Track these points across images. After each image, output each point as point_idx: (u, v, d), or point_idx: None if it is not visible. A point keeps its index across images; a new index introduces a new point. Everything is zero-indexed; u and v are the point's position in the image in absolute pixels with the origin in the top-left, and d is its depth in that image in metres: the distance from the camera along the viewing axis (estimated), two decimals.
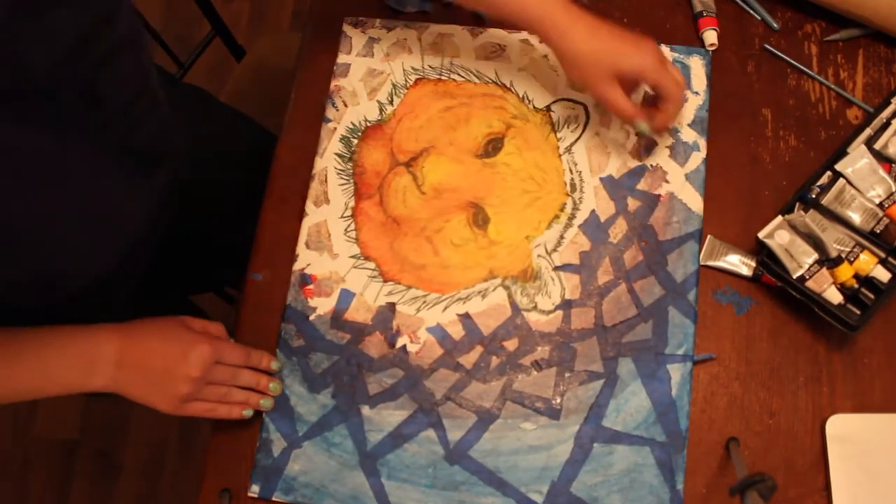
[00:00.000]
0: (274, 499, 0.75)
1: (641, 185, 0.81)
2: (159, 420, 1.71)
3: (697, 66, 0.84)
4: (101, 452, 1.71)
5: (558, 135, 0.84)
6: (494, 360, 0.77)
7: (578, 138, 0.83)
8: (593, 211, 0.81)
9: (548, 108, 0.85)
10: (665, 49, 0.85)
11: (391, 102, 0.86)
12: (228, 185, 0.95)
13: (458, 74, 0.87)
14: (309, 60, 0.90)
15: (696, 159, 0.81)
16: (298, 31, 1.29)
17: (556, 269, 0.79)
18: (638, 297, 0.78)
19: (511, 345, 0.78)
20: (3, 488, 1.70)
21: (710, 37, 0.85)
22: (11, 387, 0.66)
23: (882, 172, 0.75)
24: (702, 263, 0.78)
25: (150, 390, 0.70)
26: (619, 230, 0.80)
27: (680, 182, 0.80)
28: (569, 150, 0.83)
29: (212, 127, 0.94)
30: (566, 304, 0.78)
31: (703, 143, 0.82)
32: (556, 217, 0.81)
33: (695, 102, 0.83)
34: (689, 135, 0.82)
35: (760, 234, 0.75)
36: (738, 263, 0.78)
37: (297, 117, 0.88)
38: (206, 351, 0.70)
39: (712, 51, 0.85)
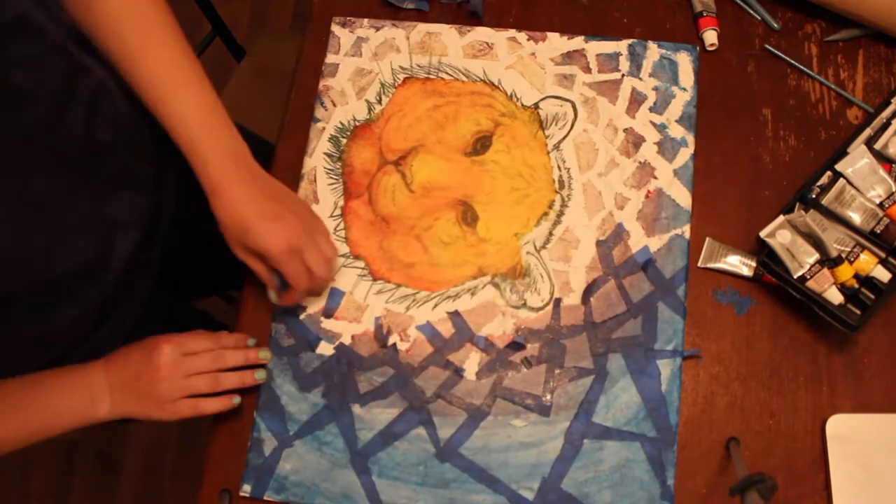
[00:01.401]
0: (266, 498, 0.75)
1: (629, 182, 0.81)
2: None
3: (685, 63, 0.84)
4: (101, 452, 1.71)
5: (546, 132, 0.84)
6: (484, 358, 0.77)
7: (566, 135, 0.83)
8: (582, 207, 0.81)
9: (536, 106, 0.85)
10: (652, 45, 0.85)
11: (379, 101, 0.86)
12: None
13: (447, 73, 0.87)
14: (308, 61, 0.90)
15: (685, 155, 0.81)
16: (298, 32, 1.29)
17: (545, 265, 0.79)
18: (627, 294, 0.78)
19: (501, 342, 0.78)
20: (3, 488, 1.70)
21: (710, 37, 0.85)
22: (25, 432, 0.70)
23: (882, 172, 0.75)
24: (701, 266, 0.78)
25: (140, 402, 0.72)
26: (607, 227, 0.80)
27: (668, 178, 0.81)
28: (557, 147, 0.83)
29: None
30: (555, 301, 0.78)
31: (690, 138, 0.82)
32: (545, 214, 0.81)
33: (682, 98, 0.83)
34: (676, 131, 0.82)
35: (762, 234, 0.75)
36: (739, 264, 0.78)
37: (297, 117, 0.88)
38: (164, 346, 0.72)
39: (712, 50, 0.85)
